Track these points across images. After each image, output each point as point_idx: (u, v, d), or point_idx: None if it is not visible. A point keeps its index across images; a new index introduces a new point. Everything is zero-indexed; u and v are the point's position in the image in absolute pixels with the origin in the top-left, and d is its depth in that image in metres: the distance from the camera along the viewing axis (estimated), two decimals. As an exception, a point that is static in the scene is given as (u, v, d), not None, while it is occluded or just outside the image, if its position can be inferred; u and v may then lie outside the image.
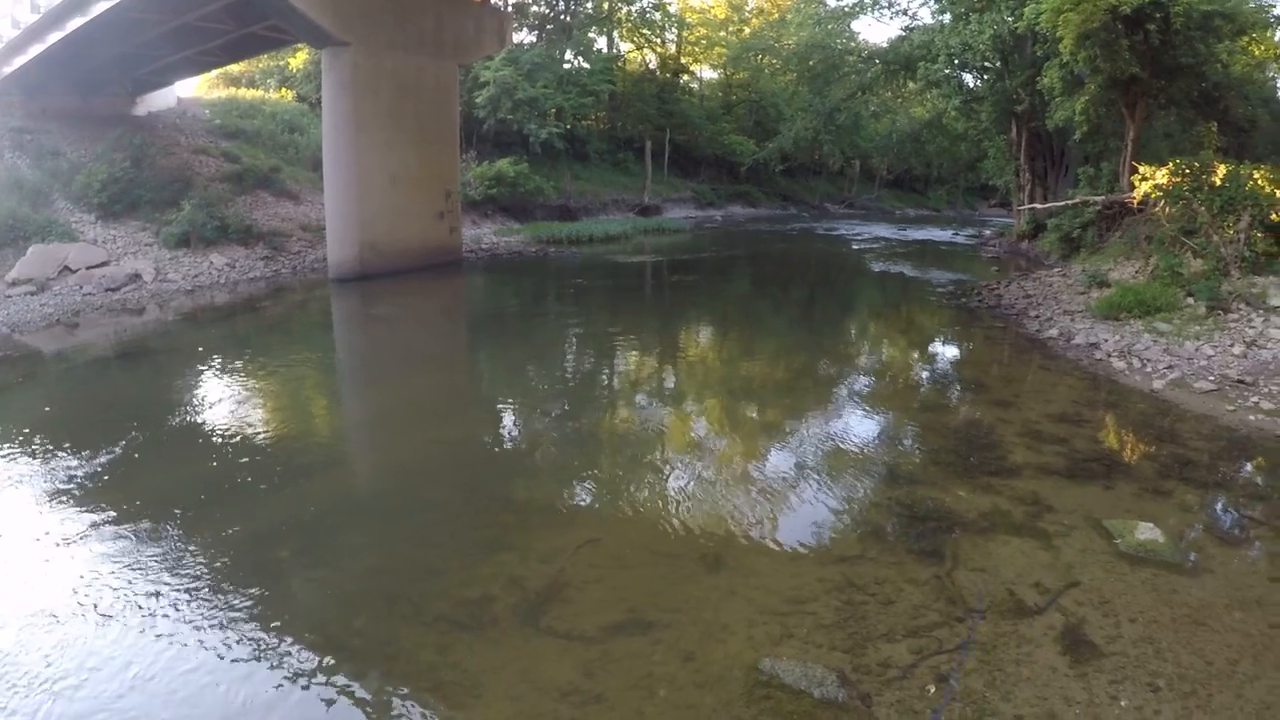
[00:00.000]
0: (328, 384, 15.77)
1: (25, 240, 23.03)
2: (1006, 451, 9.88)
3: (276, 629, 6.40)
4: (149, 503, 8.91)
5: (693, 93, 64.93)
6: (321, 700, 5.59)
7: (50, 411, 12.99)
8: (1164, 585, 6.59)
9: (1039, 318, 17.40)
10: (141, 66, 29.55)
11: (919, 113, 51.71)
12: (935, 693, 5.36)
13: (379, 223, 26.12)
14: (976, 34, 27.95)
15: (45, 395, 14.03)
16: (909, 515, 8.12)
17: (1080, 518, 7.88)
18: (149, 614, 6.59)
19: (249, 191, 30.76)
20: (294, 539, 8.21)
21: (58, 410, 13.07)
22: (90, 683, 5.71)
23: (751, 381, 14.55)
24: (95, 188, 25.98)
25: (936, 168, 60.71)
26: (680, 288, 27.26)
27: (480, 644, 6.13)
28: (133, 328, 19.77)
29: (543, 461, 10.61)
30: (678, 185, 55.96)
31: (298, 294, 24.47)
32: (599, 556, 7.47)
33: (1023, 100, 28.98)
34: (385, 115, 25.86)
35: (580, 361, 16.90)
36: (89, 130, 29.40)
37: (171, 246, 25.85)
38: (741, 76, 65.44)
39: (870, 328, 20.79)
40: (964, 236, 40.64)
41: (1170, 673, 5.51)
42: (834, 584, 6.76)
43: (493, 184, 38.61)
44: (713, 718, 5.24)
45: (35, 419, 12.31)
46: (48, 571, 7.38)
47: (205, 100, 37.76)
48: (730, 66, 64.77)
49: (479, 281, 28.20)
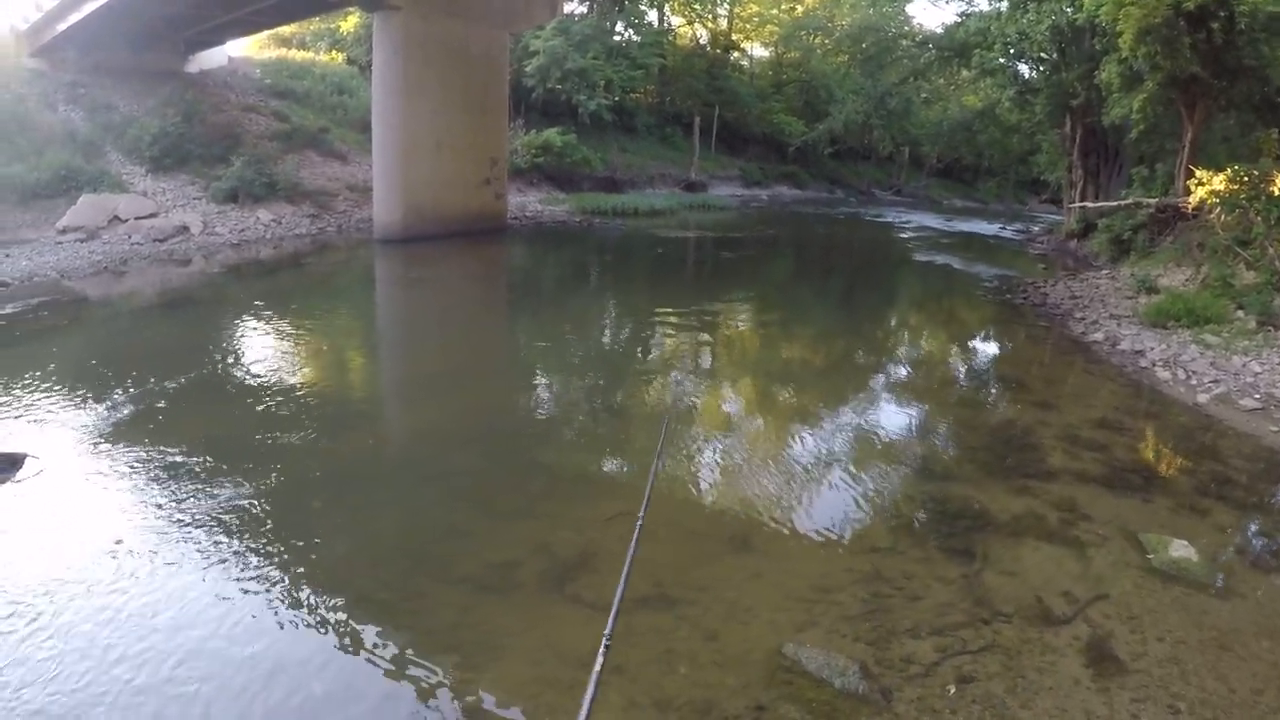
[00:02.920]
0: (367, 342, 15.93)
1: (77, 190, 23.45)
2: (1044, 454, 9.74)
3: (303, 578, 6.52)
4: (186, 448, 9.05)
5: (743, 70, 64.36)
6: (342, 651, 5.68)
7: (94, 355, 13.21)
8: (1194, 605, 6.47)
9: (1084, 320, 17.11)
10: (194, 26, 29.70)
11: (972, 101, 51.15)
12: (956, 693, 5.34)
13: (425, 187, 26.26)
14: (1034, 23, 27.46)
15: (90, 339, 14.29)
16: (941, 512, 8.04)
17: (1114, 529, 7.74)
18: (180, 557, 6.74)
19: (297, 150, 31.03)
20: (326, 492, 8.35)
21: (101, 354, 13.29)
22: (114, 625, 5.83)
23: (789, 364, 14.50)
24: (146, 141, 26.41)
25: (987, 159, 60.04)
26: (723, 266, 27.13)
27: (504, 607, 6.19)
28: (179, 277, 20.05)
29: (576, 431, 10.65)
30: (725, 163, 55.58)
31: (341, 252, 24.71)
32: (628, 529, 7.46)
33: (1079, 94, 28.31)
34: (435, 81, 25.89)
35: (618, 333, 16.96)
36: (141, 86, 29.70)
37: (219, 201, 26.19)
38: (793, 56, 64.85)
39: (912, 318, 20.63)
40: (1012, 231, 40.09)
41: (1193, 696, 5.41)
42: (861, 575, 6.72)
43: (540, 153, 38.54)
44: (732, 699, 5.24)
45: (79, 362, 12.54)
46: (85, 512, 7.56)
47: (256, 60, 37.96)
48: (781, 45, 64.28)
49: (522, 249, 28.28)
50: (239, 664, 5.47)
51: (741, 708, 5.16)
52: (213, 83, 33.10)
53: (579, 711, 2.40)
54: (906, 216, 46.36)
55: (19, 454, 8.55)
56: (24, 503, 7.71)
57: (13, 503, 7.69)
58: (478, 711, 5.14)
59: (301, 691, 5.25)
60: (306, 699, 5.20)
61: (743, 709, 5.15)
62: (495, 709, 5.15)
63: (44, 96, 27.01)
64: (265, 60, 38.05)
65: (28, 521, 7.36)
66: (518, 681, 5.40)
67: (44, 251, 20.53)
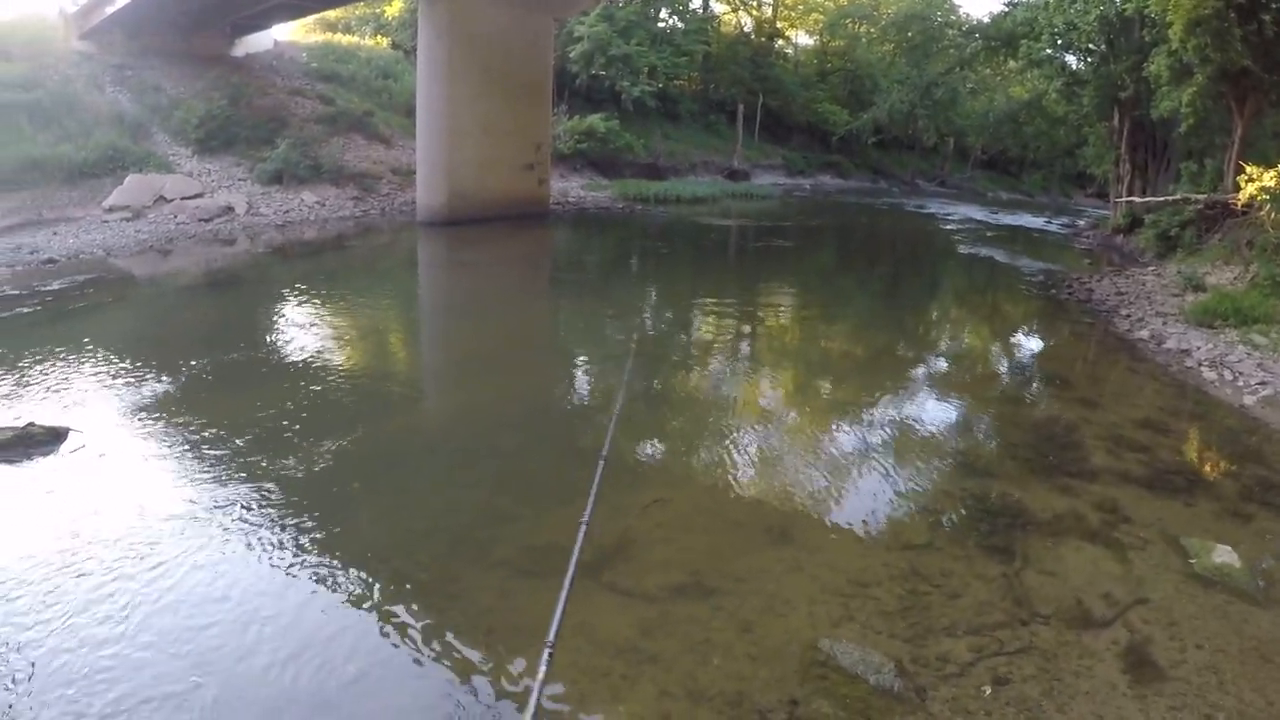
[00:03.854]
0: (410, 324, 16.08)
1: (124, 170, 23.81)
2: (1087, 453, 9.61)
3: (342, 557, 6.61)
4: (227, 426, 9.20)
5: (787, 58, 63.87)
6: (379, 631, 5.75)
7: (138, 333, 13.47)
8: (1235, 613, 6.37)
9: (1130, 317, 16.88)
10: (240, 10, 29.88)
11: (1018, 92, 50.51)
12: (991, 694, 5.30)
13: (468, 171, 26.38)
14: (1082, 13, 27.09)
15: (135, 317, 14.57)
16: (981, 509, 7.97)
17: (1156, 532, 7.64)
18: (216, 533, 6.86)
19: (342, 133, 31.26)
20: (366, 471, 8.42)
21: (145, 332, 13.56)
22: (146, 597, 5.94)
23: (829, 355, 14.43)
24: (193, 123, 26.77)
25: (1033, 151, 59.25)
26: (765, 255, 27.00)
27: (541, 592, 6.15)
28: (223, 257, 20.30)
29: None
30: (768, 151, 55.27)
31: (385, 235, 24.91)
32: (667, 516, 7.51)
33: (1127, 87, 27.79)
34: (479, 66, 25.97)
35: (659, 320, 16.99)
36: (188, 69, 30.05)
37: (264, 182, 26.50)
38: (837, 44, 64.33)
39: (955, 311, 20.46)
40: (1057, 225, 39.54)
41: (1231, 707, 5.33)
42: (900, 570, 6.70)
43: (583, 139, 38.64)
44: (765, 692, 5.24)
45: (123, 339, 12.78)
46: (124, 486, 7.70)
47: (302, 44, 38.21)
48: (826, 33, 63.73)
49: (564, 234, 28.38)
50: (271, 639, 5.57)
51: (774, 701, 5.16)
52: (259, 66, 33.38)
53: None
54: (951, 208, 45.94)
55: (62, 428, 8.74)
56: (66, 476, 7.87)
57: (55, 476, 7.86)
58: (510, 696, 5.18)
59: (335, 670, 5.32)
60: (340, 678, 5.27)
61: (775, 703, 5.15)
62: (528, 694, 5.16)
63: (92, 78, 27.32)
64: (311, 44, 38.28)
65: (68, 494, 7.51)
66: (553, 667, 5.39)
67: (91, 230, 20.85)
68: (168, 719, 4.83)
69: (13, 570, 6.19)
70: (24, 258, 17.93)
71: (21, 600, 5.85)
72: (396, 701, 5.14)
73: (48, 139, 23.25)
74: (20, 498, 7.43)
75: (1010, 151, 67.59)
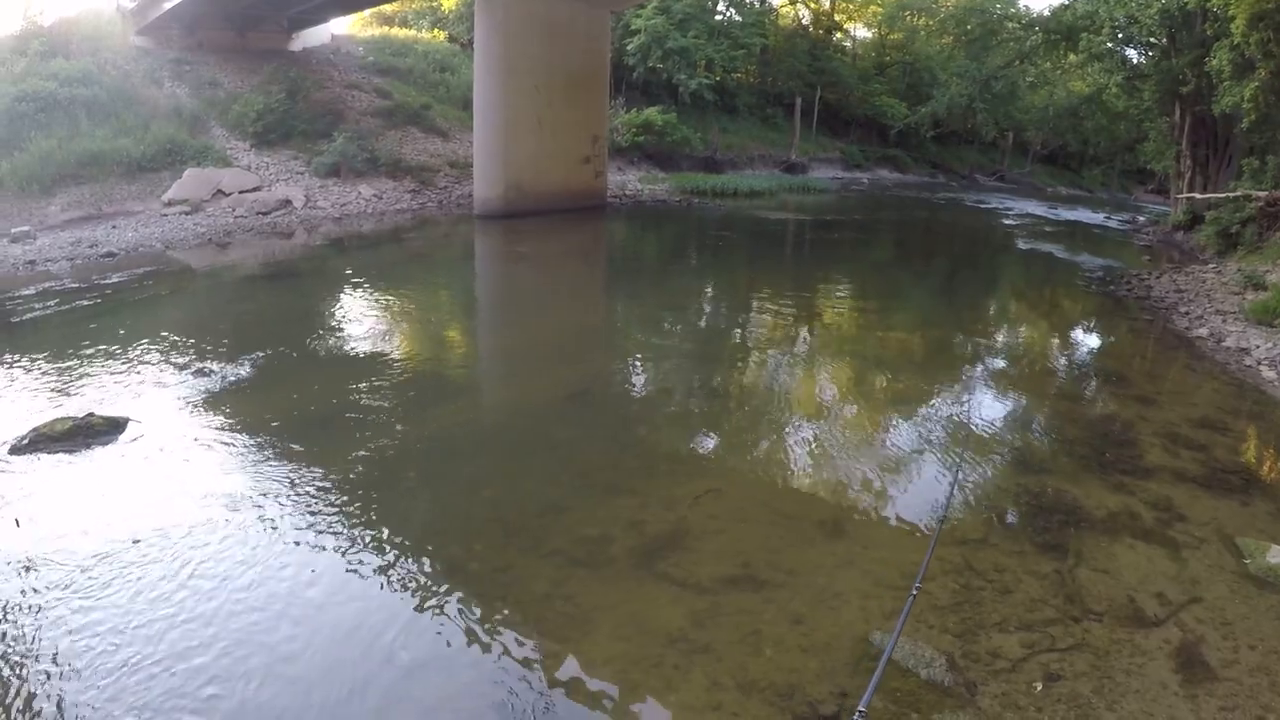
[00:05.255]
0: (465, 315, 16.26)
1: (182, 164, 24.34)
2: (1142, 451, 9.50)
3: (395, 545, 6.75)
4: (284, 416, 9.46)
5: (845, 51, 63.36)
6: (432, 618, 5.86)
7: (196, 325, 13.75)
8: (1289, 615, 6.33)
9: (1189, 315, 16.59)
10: (296, 4, 30.35)
11: (1078, 87, 49.68)
12: (1042, 691, 5.29)
13: (525, 164, 26.56)
14: (1144, 7, 26.63)
15: (193, 309, 14.92)
16: (1035, 505, 7.93)
17: (1212, 531, 7.55)
18: (271, 519, 7.05)
19: (399, 127, 31.60)
20: (420, 461, 8.59)
21: (203, 324, 13.84)
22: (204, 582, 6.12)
23: (885, 349, 14.35)
24: (251, 117, 27.27)
25: (1093, 146, 58.48)
26: (822, 248, 26.93)
27: (594, 582, 6.31)
28: (281, 250, 20.64)
29: (670, 409, 10.76)
30: (825, 145, 54.90)
31: (442, 227, 25.16)
32: (720, 508, 7.56)
33: (1189, 81, 27.18)
34: (536, 59, 26.11)
35: (715, 313, 17.04)
36: (245, 63, 30.59)
37: (322, 175, 26.88)
38: (896, 37, 63.70)
39: (1012, 306, 20.24)
40: (1116, 221, 38.86)
41: (1282, 710, 5.32)
42: (952, 565, 6.70)
43: (640, 132, 38.70)
44: (815, 684, 5.27)
45: (182, 331, 13.05)
46: (181, 475, 7.91)
47: (358, 38, 38.72)
48: (885, 26, 63.06)
49: (621, 227, 28.44)
50: (324, 625, 5.71)
51: (825, 693, 5.19)
52: (316, 60, 33.84)
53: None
54: (1010, 203, 45.37)
55: (121, 418, 8.98)
56: (124, 465, 8.11)
57: (114, 464, 8.10)
58: (562, 685, 5.25)
59: (388, 657, 5.43)
60: (393, 663, 5.38)
61: (826, 695, 5.18)
62: (580, 683, 5.26)
63: (150, 73, 27.87)
64: (368, 38, 38.75)
65: (127, 482, 7.75)
66: (605, 657, 5.49)
67: (149, 223, 21.33)
68: (222, 700, 4.97)
69: (75, 557, 6.40)
70: (84, 251, 18.38)
71: (81, 586, 6.04)
72: (448, 688, 5.23)
73: (106, 133, 23.73)
74: (81, 487, 7.65)
75: (1070, 146, 66.68)
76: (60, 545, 6.55)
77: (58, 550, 6.49)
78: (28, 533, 6.78)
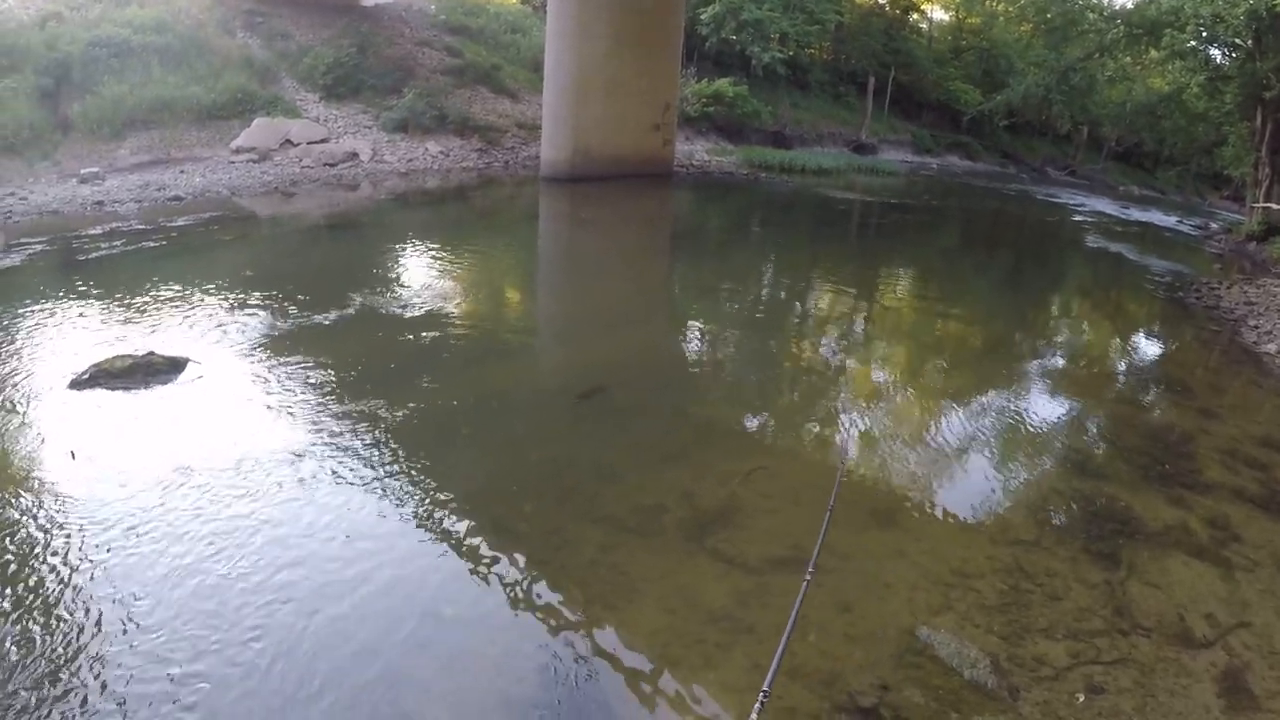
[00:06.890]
0: (527, 277, 16.32)
1: (251, 113, 24.59)
2: (1201, 465, 9.21)
3: (446, 502, 6.77)
4: (340, 365, 9.53)
5: (921, 33, 62.31)
6: (478, 576, 5.88)
7: (258, 271, 13.92)
8: (1340, 647, 6.11)
9: (1258, 329, 16.07)
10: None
11: (1158, 84, 48.63)
12: (1084, 702, 5.17)
13: (594, 128, 26.39)
14: (1230, 6, 25.95)
15: (256, 255, 15.06)
16: (1090, 511, 7.74)
17: (1266, 554, 7.30)
18: (322, 467, 7.11)
19: (468, 86, 31.61)
20: (475, 419, 8.60)
21: (265, 270, 14.00)
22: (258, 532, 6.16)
23: (944, 339, 14.14)
24: (321, 70, 27.52)
25: (1169, 146, 56.91)
26: (887, 232, 26.51)
27: (643, 551, 6.29)
28: (345, 202, 20.77)
29: (728, 383, 10.73)
30: (897, 127, 54.09)
31: (507, 187, 25.19)
32: (773, 487, 7.50)
33: (1272, 86, 26.29)
34: (608, 23, 25.84)
35: (776, 289, 16.88)
36: (317, 17, 30.68)
37: (389, 130, 26.99)
38: (974, 21, 62.59)
39: (1076, 306, 19.83)
40: (1189, 226, 37.89)
41: (1323, 746, 5.12)
42: (1003, 565, 6.57)
43: (710, 102, 38.36)
44: (858, 674, 5.20)
45: (243, 276, 13.25)
46: (237, 416, 8.04)
47: (431, -4, 38.54)
48: (963, 10, 61.97)
49: (687, 197, 28.22)
50: (370, 577, 5.73)
51: (866, 684, 5.11)
52: (388, 17, 33.81)
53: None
54: (1081, 199, 44.43)
55: (181, 358, 9.14)
56: (182, 404, 8.25)
57: (172, 403, 8.25)
58: (603, 653, 5.23)
59: (432, 612, 5.46)
60: (437, 619, 5.40)
61: (867, 686, 5.10)
62: (621, 652, 5.24)
63: (222, 23, 28.04)
64: (440, -3, 38.62)
65: (183, 420, 7.88)
66: (648, 628, 5.46)
67: (217, 169, 21.59)
68: (267, 650, 5.00)
69: (133, 495, 6.48)
70: (151, 194, 18.68)
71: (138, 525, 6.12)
72: (491, 649, 5.23)
73: (178, 80, 23.94)
74: (140, 424, 7.77)
75: (1145, 145, 65.05)
76: (114, 479, 6.66)
77: (110, 483, 6.60)
78: (82, 466, 6.88)
